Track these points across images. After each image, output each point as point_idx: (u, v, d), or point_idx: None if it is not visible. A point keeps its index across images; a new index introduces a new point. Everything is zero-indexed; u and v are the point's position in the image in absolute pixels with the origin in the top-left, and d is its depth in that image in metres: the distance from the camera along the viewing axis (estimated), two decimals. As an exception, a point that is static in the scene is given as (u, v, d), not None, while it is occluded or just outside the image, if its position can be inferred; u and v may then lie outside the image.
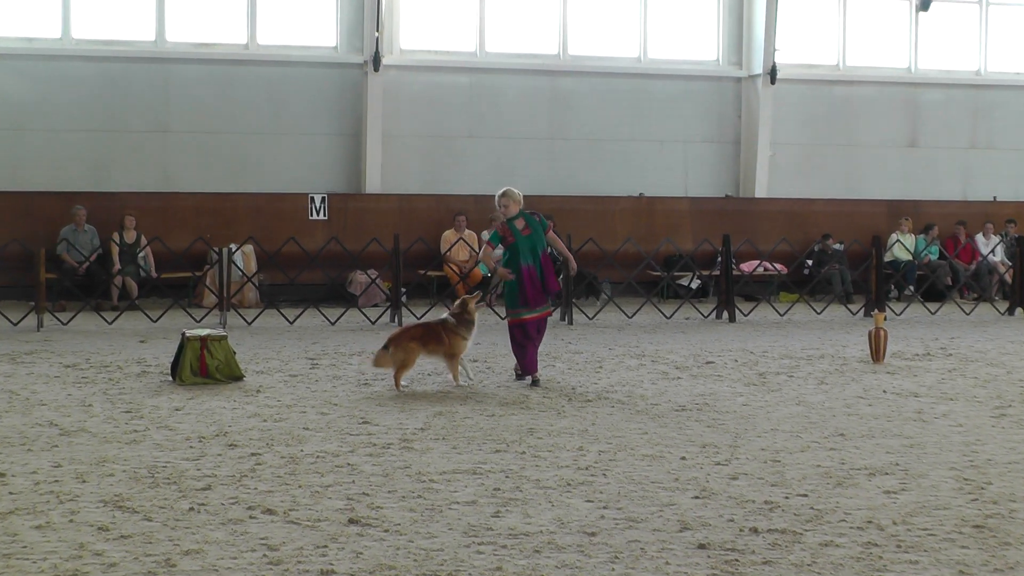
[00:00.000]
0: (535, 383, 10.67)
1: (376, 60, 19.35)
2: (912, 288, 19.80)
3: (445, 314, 10.63)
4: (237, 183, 19.37)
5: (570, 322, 16.20)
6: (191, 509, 6.34)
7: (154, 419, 8.93)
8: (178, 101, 19.29)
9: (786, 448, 8.02)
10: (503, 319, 11.48)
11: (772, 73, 20.74)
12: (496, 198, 11.10)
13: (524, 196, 11.29)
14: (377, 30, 19.33)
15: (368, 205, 19.40)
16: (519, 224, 10.95)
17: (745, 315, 17.04)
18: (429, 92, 20.19)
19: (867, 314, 17.08)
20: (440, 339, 10.35)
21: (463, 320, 10.44)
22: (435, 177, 20.21)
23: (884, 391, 10.50)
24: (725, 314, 16.85)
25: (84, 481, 6.96)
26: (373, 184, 19.66)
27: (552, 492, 6.77)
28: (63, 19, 18.80)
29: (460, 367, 10.56)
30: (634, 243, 18.02)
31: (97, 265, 17.52)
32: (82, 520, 6.13)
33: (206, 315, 16.01)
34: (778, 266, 19.45)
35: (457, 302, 10.73)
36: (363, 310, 16.73)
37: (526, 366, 10.79)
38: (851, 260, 19.77)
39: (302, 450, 7.87)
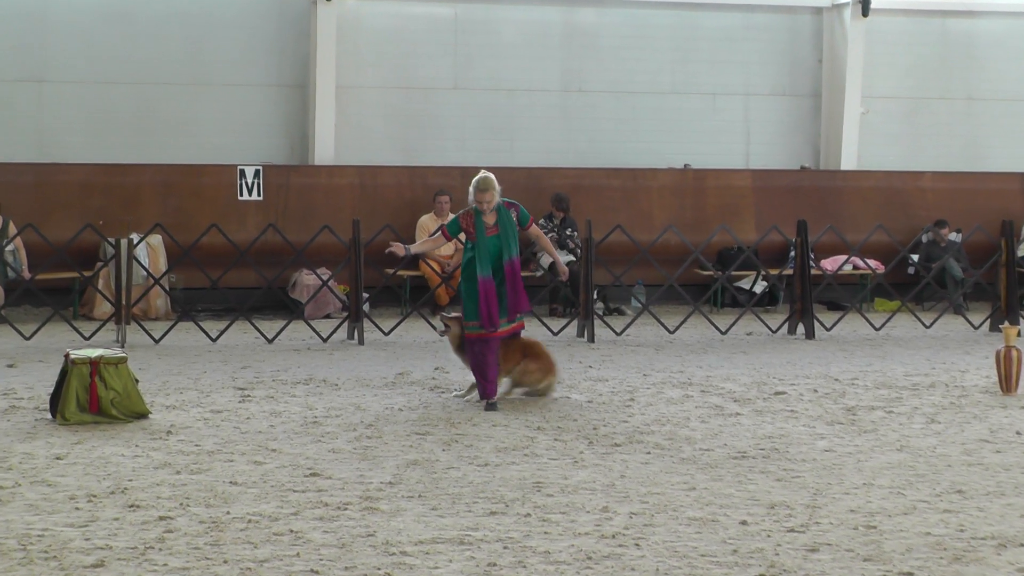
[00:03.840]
0: (491, 408, 11.29)
1: (328, -16, 19.41)
2: (1055, 293, 19.80)
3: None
4: (140, 151, 19.35)
5: (591, 339, 16.19)
6: (77, 592, 6.34)
7: (26, 471, 8.92)
8: (58, 41, 19.27)
9: (884, 510, 8.03)
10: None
11: (865, 1, 20.75)
12: (472, 191, 11.47)
13: (530, 167, 11.46)
14: (330, -56, 19.39)
15: (318, 181, 19.40)
16: (489, 220, 11.42)
17: (827, 329, 17.04)
18: (400, 28, 20.20)
19: (994, 328, 17.08)
20: None
21: None
22: (408, 143, 20.20)
23: (1018, 432, 10.50)
24: (800, 328, 16.86)
25: (-68, 555, 6.96)
26: (324, 152, 19.65)
27: (567, 568, 6.77)
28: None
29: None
30: (677, 232, 18.01)
31: (-50, 263, 17.52)
32: (-70, 607, 6.12)
33: (98, 330, 16.00)
34: (872, 263, 19.45)
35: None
36: (311, 322, 16.72)
37: (485, 388, 11.44)
38: (972, 255, 19.75)
39: (228, 512, 7.86)
